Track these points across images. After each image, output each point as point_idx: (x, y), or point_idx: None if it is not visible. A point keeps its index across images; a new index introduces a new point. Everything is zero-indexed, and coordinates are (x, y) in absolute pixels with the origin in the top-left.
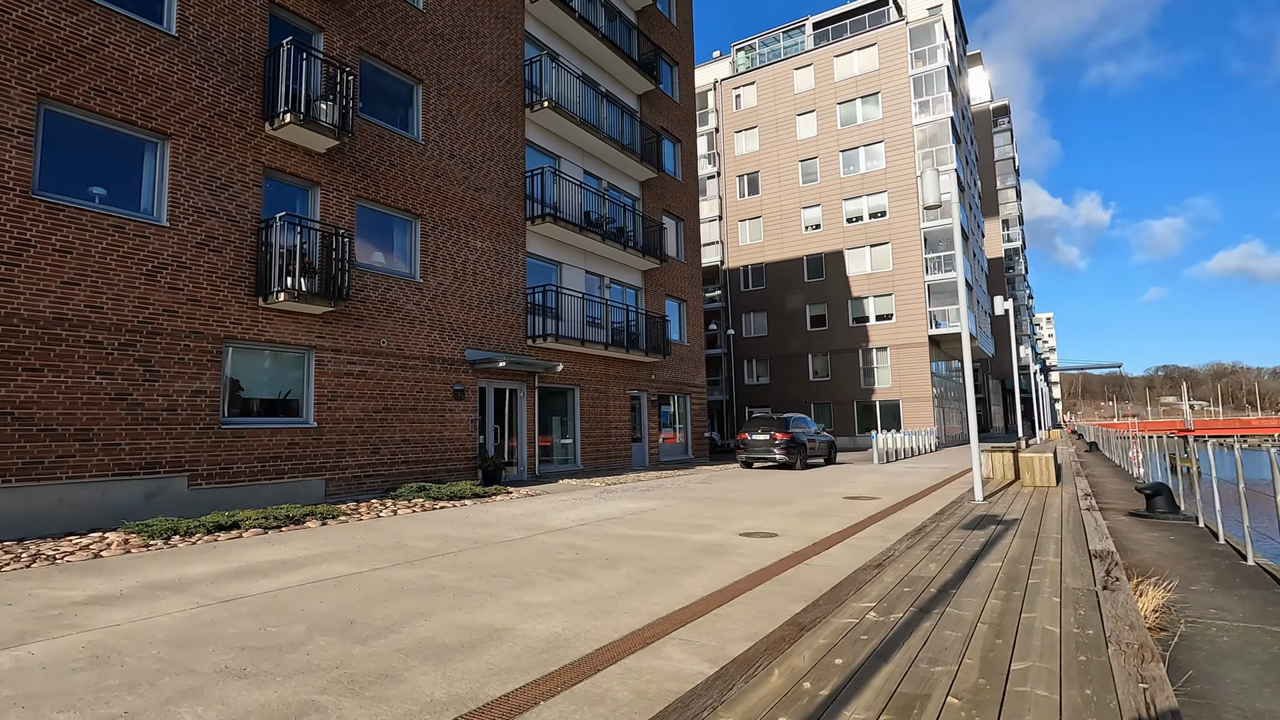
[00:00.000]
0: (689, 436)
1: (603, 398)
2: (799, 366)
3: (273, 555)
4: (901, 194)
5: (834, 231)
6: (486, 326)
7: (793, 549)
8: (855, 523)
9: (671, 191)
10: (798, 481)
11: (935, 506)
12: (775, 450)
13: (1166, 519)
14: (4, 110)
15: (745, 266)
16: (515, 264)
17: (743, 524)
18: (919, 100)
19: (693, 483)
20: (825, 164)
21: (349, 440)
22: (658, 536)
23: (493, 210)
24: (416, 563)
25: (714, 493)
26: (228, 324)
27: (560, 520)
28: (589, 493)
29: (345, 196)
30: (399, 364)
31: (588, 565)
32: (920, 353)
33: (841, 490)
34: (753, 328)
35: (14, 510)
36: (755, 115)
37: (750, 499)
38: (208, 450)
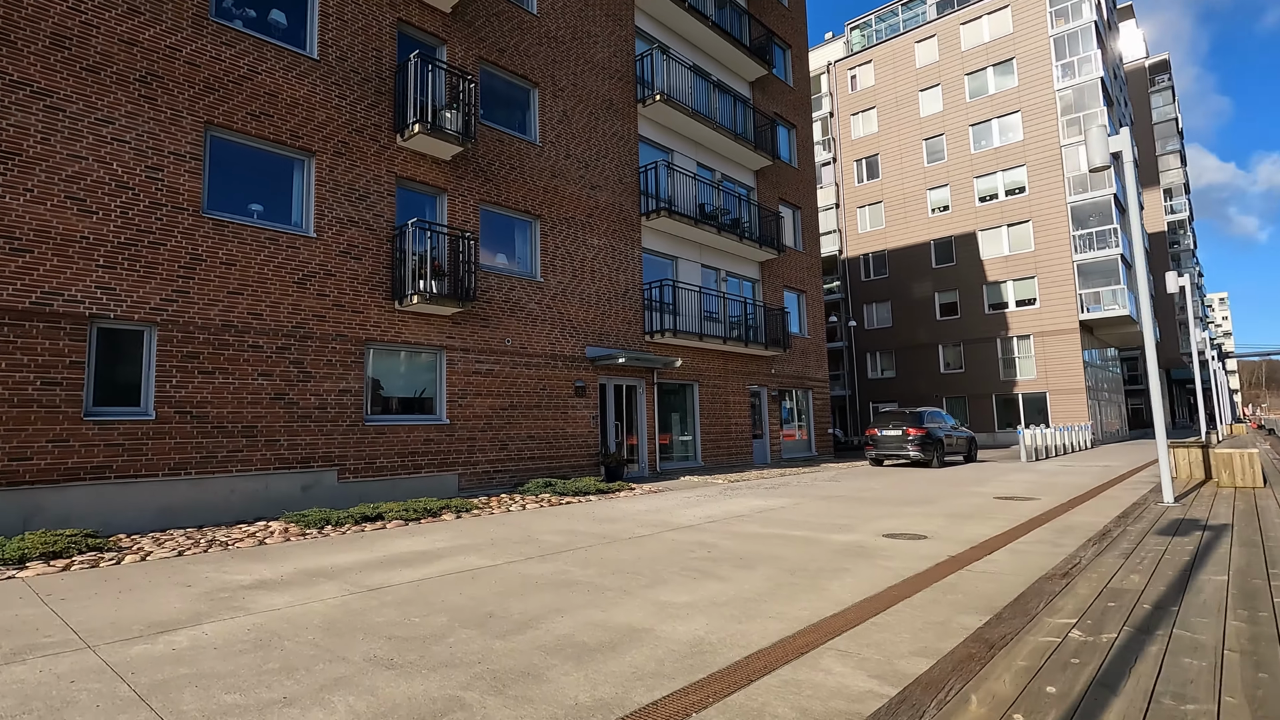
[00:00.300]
0: (812, 433)
1: (722, 393)
2: (927, 358)
3: (413, 546)
4: (1043, 167)
5: (964, 212)
6: (605, 323)
7: (948, 553)
8: (1015, 525)
9: (787, 179)
10: (937, 480)
11: (1110, 509)
12: (908, 447)
13: None
14: (178, 138)
15: (865, 255)
16: (631, 260)
17: (884, 524)
18: (1061, 63)
19: (820, 480)
20: (953, 141)
21: (478, 437)
22: (793, 536)
23: (608, 207)
24: (548, 557)
25: (846, 491)
26: (368, 327)
27: (687, 517)
28: (712, 490)
29: (470, 201)
30: (523, 362)
31: (721, 564)
32: (1070, 340)
33: (990, 490)
34: (875, 319)
35: (194, 500)
36: (873, 95)
37: (887, 498)
38: (354, 446)
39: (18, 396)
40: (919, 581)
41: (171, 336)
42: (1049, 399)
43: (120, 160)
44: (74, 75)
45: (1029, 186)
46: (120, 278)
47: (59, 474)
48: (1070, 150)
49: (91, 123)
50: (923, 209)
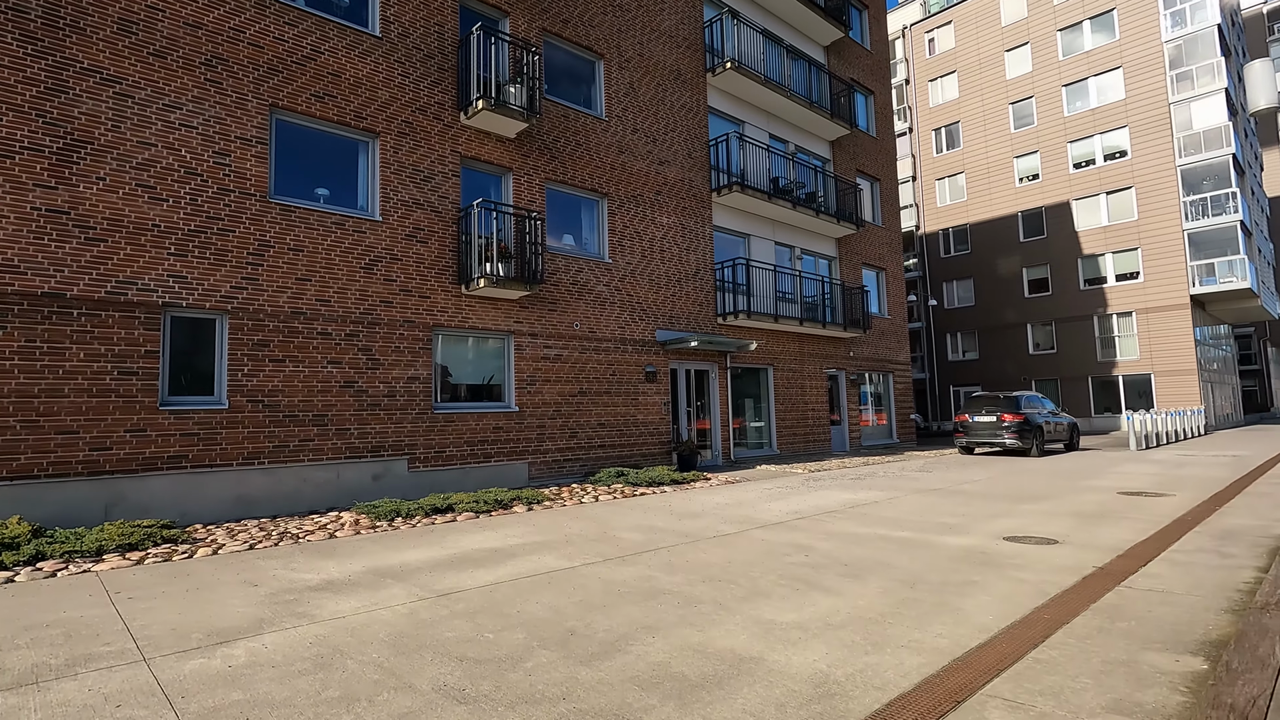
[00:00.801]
0: (893, 419)
1: (798, 377)
2: (1014, 338)
3: (485, 542)
4: (1148, 127)
5: (1057, 181)
6: (675, 305)
7: (1090, 563)
8: (1159, 529)
9: (865, 149)
10: (1042, 471)
11: (1271, 511)
12: (1004, 434)
13: None
14: (244, 122)
15: (945, 230)
16: (702, 238)
17: (999, 524)
18: (1171, 10)
19: (908, 471)
20: (1043, 104)
21: (548, 424)
22: (897, 537)
23: (677, 184)
24: (628, 558)
25: (941, 483)
26: (435, 312)
27: (773, 512)
28: (793, 480)
29: (535, 180)
30: (591, 346)
31: (825, 572)
32: (1180, 316)
33: (1108, 483)
34: (956, 297)
35: (268, 490)
36: (953, 59)
37: (992, 493)
38: (423, 434)
39: (96, 386)
40: (1071, 601)
41: (242, 325)
42: (1154, 381)
43: (188, 146)
44: (141, 60)
45: (1131, 150)
46: (191, 265)
47: (137, 464)
48: (1180, 107)
49: (159, 109)
50: (1009, 179)
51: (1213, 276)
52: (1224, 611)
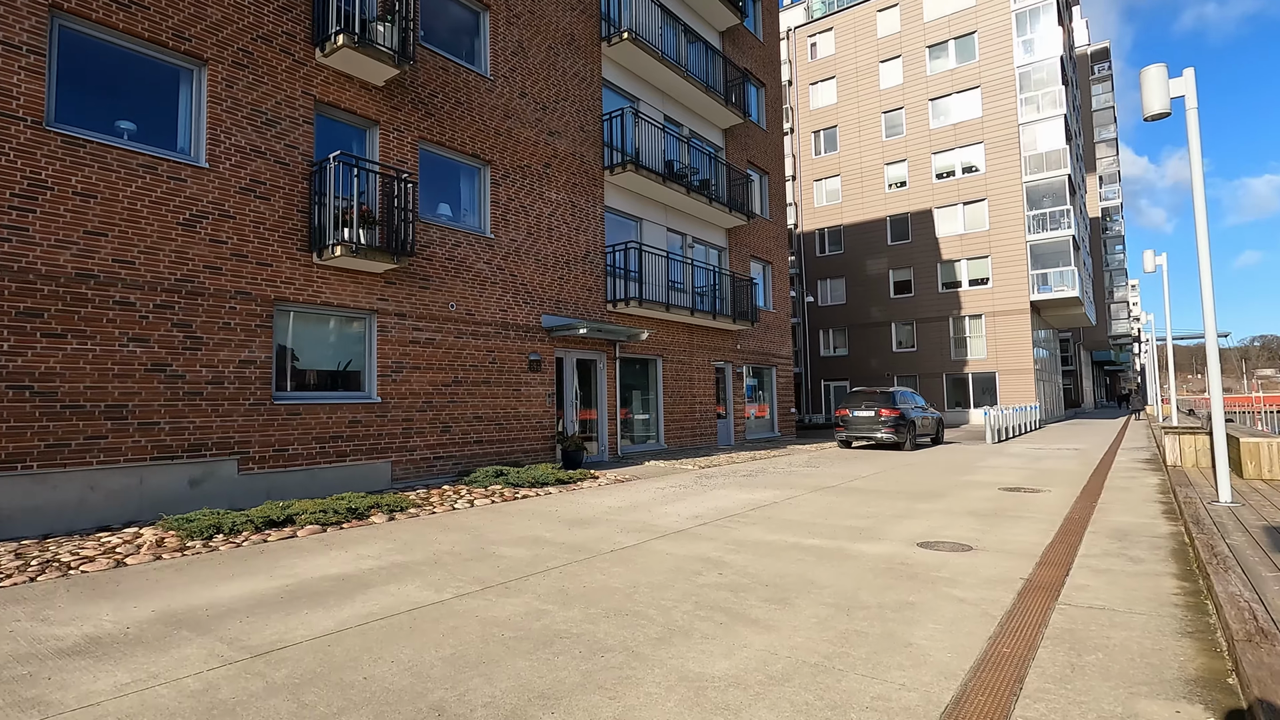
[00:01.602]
0: (774, 412)
1: (687, 369)
2: (880, 336)
3: (330, 567)
4: (1000, 145)
5: (921, 189)
6: (564, 289)
7: (1016, 574)
8: (1058, 529)
9: (756, 141)
10: (922, 465)
11: (1142, 506)
12: (881, 428)
13: None
14: (9, 22)
15: (821, 229)
16: (593, 219)
17: (908, 528)
18: (1023, 39)
19: (796, 466)
20: (912, 115)
21: (416, 417)
22: (812, 546)
23: (568, 157)
24: (513, 585)
25: (832, 479)
26: (278, 283)
27: (671, 517)
28: (685, 478)
29: (407, 138)
30: (469, 331)
31: (747, 596)
32: (1021, 320)
33: (984, 478)
34: (830, 295)
35: (36, 502)
36: (833, 64)
37: (885, 489)
38: (260, 430)
39: None
40: (1023, 628)
41: (1, 287)
42: (999, 379)
43: None
44: None
45: (985, 165)
46: None
47: None
48: (1027, 129)
49: None
50: (880, 184)
51: (1048, 285)
52: (1181, 636)
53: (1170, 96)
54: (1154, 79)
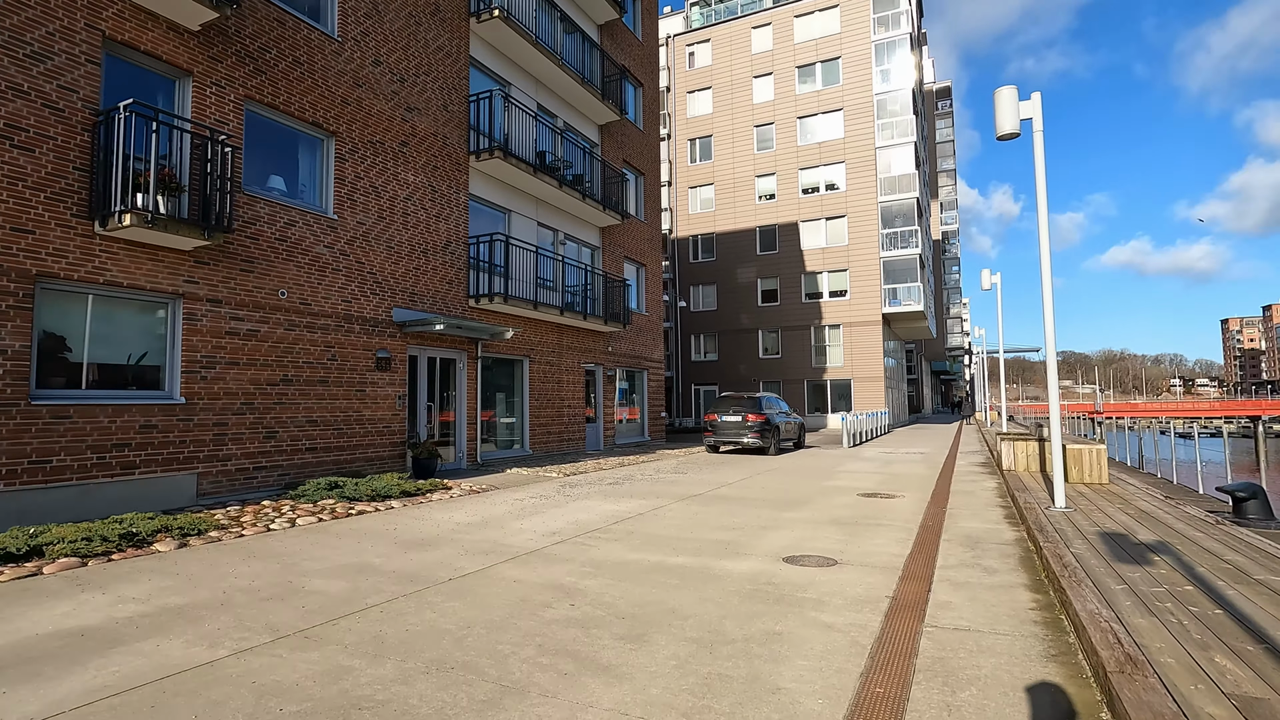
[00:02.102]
0: (645, 416)
1: (555, 371)
2: (749, 343)
3: (72, 616)
4: (860, 166)
5: (789, 202)
6: (420, 281)
7: (881, 591)
8: (916, 538)
9: (633, 141)
10: (785, 471)
11: (986, 511)
12: (748, 433)
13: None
14: None
15: (695, 236)
16: (456, 206)
17: (774, 540)
18: (880, 68)
19: (664, 472)
20: (782, 131)
21: (233, 421)
22: (676, 566)
23: (429, 138)
24: (316, 633)
25: (700, 486)
26: (42, 255)
27: (527, 534)
28: (548, 487)
29: (229, 94)
30: (304, 323)
31: (600, 634)
32: (874, 331)
33: (844, 483)
34: (701, 301)
35: None
36: (710, 75)
37: (752, 496)
38: (9, 437)
39: None
40: (892, 660)
41: None
42: (853, 385)
43: None
44: None
45: (846, 184)
46: None
47: None
48: (883, 152)
49: None
50: (751, 195)
51: (897, 299)
52: (1048, 661)
53: (1020, 118)
54: (1006, 100)
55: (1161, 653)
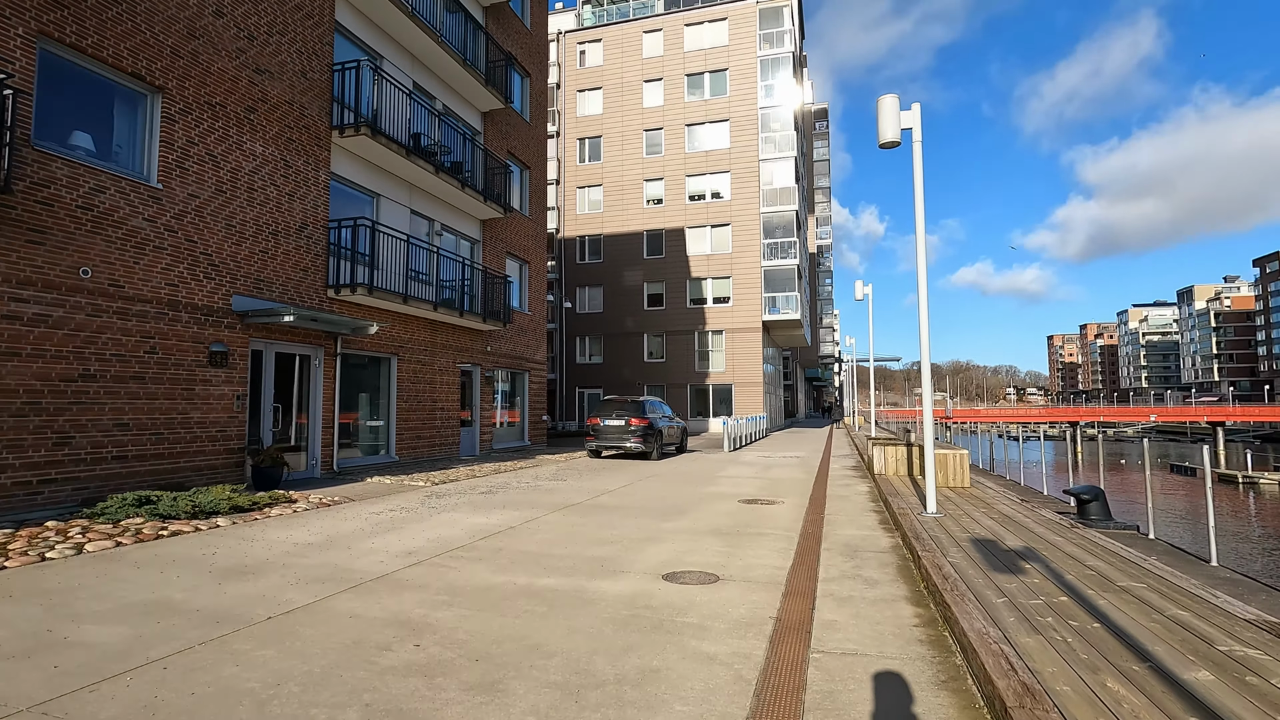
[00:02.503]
0: (525, 420)
1: (427, 371)
2: (634, 346)
3: None
4: (745, 176)
5: (676, 208)
6: (268, 266)
7: (764, 611)
8: (797, 547)
9: (518, 132)
10: (666, 476)
11: (862, 517)
12: (630, 438)
13: (1107, 527)
14: None
15: (582, 237)
16: (314, 186)
17: (653, 554)
18: (765, 83)
19: (543, 479)
20: (670, 137)
21: (10, 425)
22: (545, 589)
23: (284, 106)
24: (57, 707)
25: (579, 494)
26: None
27: (377, 556)
28: (413, 498)
29: (16, 27)
30: (114, 309)
31: (446, 684)
32: (755, 338)
33: (725, 489)
34: (587, 303)
35: None
36: (600, 75)
37: (632, 505)
38: None
39: None
40: (780, 695)
41: None
42: (734, 390)
43: None
44: None
45: (731, 193)
46: None
47: None
48: (766, 165)
49: None
50: (639, 199)
51: (777, 308)
52: (939, 689)
53: (901, 127)
54: (889, 109)
55: (1055, 679)
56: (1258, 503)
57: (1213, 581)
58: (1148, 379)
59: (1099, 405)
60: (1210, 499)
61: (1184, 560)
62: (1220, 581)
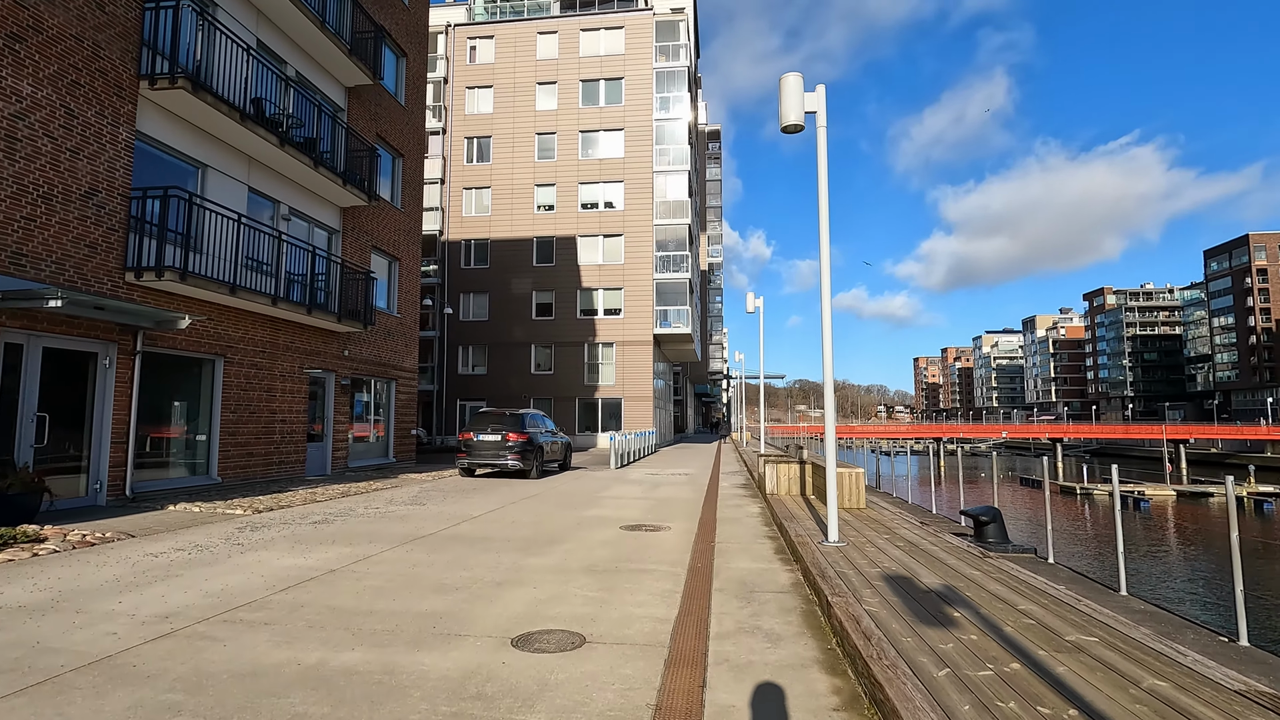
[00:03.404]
0: (391, 434)
1: (264, 377)
2: (521, 357)
3: None
4: (638, 187)
5: (568, 216)
6: (35, 237)
7: (643, 697)
8: (685, 588)
9: (391, 115)
10: (545, 497)
11: (755, 545)
12: (508, 454)
13: (1006, 550)
14: None
15: (468, 240)
16: (111, 145)
17: (507, 604)
18: (660, 95)
19: (398, 504)
20: (564, 142)
21: None
22: (340, 672)
23: (67, 41)
24: None
25: (435, 522)
26: None
27: (113, 624)
28: (218, 531)
29: None
30: None
31: None
32: (645, 351)
33: (608, 512)
34: (472, 310)
35: None
36: (492, 73)
37: (496, 535)
38: None
39: None
40: None
41: None
42: (624, 405)
43: None
44: None
45: (624, 203)
46: None
47: None
48: (660, 177)
49: None
50: (530, 204)
51: (668, 321)
52: None
53: (805, 110)
54: (792, 88)
55: None
56: (1091, 511)
57: (1145, 619)
58: (998, 399)
59: (958, 422)
60: (1120, 526)
61: (1097, 591)
62: (1147, 618)
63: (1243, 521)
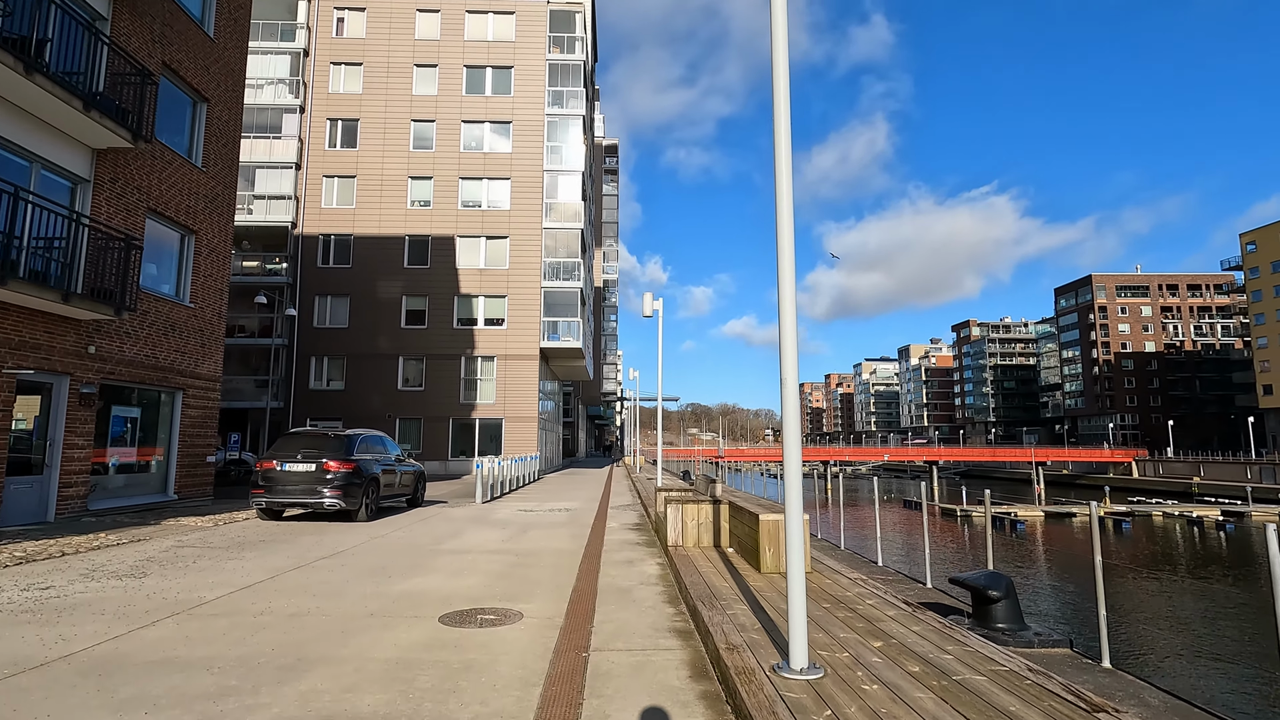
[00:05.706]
0: (173, 463)
1: None
2: (386, 371)
3: None
4: (527, 187)
5: (446, 214)
6: None
7: None
8: None
9: (190, 45)
10: (357, 556)
11: (657, 655)
12: (325, 489)
13: (1032, 643)
14: None
15: (327, 235)
16: None
17: None
18: (554, 89)
19: (103, 576)
20: (444, 132)
21: None
22: None
23: None
24: None
25: (132, 619)
26: None
27: None
28: None
29: None
30: None
31: None
32: (531, 366)
33: (435, 584)
34: (329, 316)
35: None
36: (362, 50)
37: (222, 654)
38: None
39: None
40: None
41: None
42: (505, 426)
43: None
44: None
45: (511, 203)
46: None
47: None
48: (550, 177)
49: None
50: (403, 198)
51: (557, 334)
52: None
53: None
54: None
55: None
56: (970, 532)
57: None
58: (876, 423)
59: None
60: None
61: None
62: None
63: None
